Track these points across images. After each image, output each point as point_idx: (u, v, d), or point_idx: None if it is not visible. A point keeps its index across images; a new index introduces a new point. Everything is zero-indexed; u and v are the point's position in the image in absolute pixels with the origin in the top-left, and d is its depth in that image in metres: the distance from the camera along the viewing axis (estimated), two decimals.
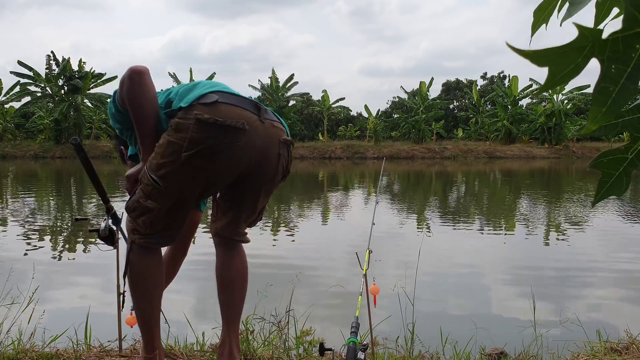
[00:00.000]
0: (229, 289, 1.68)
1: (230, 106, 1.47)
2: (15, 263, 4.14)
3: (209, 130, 1.42)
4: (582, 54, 0.44)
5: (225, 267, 1.68)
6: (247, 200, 1.66)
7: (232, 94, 1.53)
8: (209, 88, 1.51)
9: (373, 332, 1.85)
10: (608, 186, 0.58)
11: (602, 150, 0.54)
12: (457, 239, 6.02)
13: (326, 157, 28.30)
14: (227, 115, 1.44)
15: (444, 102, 34.81)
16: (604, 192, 0.59)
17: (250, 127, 1.47)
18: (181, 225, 1.60)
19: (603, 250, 5.48)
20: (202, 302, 3.54)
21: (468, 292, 3.85)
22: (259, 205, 1.70)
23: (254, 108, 1.53)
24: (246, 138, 1.47)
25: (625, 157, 0.57)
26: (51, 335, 2.09)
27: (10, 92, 28.90)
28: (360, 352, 1.47)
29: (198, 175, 1.48)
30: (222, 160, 1.47)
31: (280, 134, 1.60)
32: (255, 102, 1.56)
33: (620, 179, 0.57)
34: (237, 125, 1.44)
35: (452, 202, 10.39)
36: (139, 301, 1.59)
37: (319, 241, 6.01)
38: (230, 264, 1.68)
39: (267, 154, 1.56)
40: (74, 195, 10.98)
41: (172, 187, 1.48)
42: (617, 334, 2.30)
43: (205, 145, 1.42)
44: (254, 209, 1.70)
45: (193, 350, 2.06)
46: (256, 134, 1.50)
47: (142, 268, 1.57)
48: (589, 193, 11.45)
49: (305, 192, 12.20)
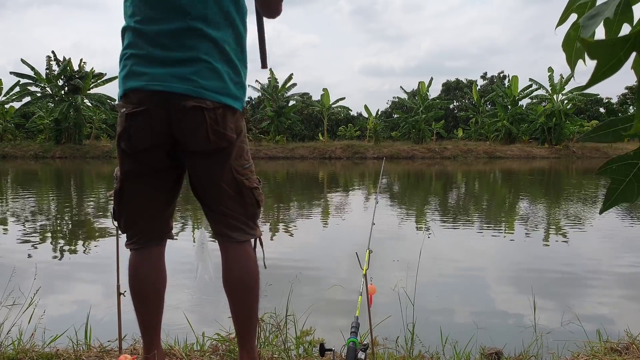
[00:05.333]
0: (230, 298, 1.56)
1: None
2: (15, 263, 4.14)
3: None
4: (625, 47, 0.44)
5: (224, 274, 1.55)
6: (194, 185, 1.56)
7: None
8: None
9: (373, 332, 1.85)
10: (618, 193, 0.56)
11: (602, 151, 0.54)
12: (458, 239, 6.02)
13: (326, 157, 28.30)
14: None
15: (444, 102, 34.83)
16: (614, 199, 0.57)
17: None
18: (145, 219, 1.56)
19: (603, 250, 5.48)
20: (203, 302, 3.54)
21: (468, 292, 3.85)
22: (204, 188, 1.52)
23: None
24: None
25: (636, 162, 0.55)
26: (51, 335, 2.09)
27: (11, 92, 28.91)
28: (360, 352, 1.47)
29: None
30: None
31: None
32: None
33: (631, 185, 0.55)
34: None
35: (452, 202, 10.39)
36: (134, 304, 1.60)
37: (319, 241, 6.01)
38: (228, 270, 1.54)
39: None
40: (74, 196, 10.98)
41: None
42: (617, 334, 2.30)
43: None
44: (203, 194, 1.54)
45: (193, 350, 2.06)
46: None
47: (135, 270, 1.58)
48: (589, 193, 11.45)
49: (305, 192, 12.20)
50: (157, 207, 1.56)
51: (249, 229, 1.55)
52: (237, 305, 1.55)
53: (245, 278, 1.53)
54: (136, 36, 1.40)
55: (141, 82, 1.38)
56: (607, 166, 0.56)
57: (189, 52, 1.37)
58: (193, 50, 1.37)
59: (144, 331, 1.62)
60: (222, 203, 1.50)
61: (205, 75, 1.38)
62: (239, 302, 1.55)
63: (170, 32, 1.37)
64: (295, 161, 26.60)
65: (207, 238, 1.76)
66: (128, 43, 1.42)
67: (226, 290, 1.55)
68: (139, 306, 1.59)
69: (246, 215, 1.54)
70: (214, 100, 1.39)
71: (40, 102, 28.54)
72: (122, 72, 1.43)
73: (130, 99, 1.40)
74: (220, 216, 1.52)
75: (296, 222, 7.35)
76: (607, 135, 0.55)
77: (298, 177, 16.80)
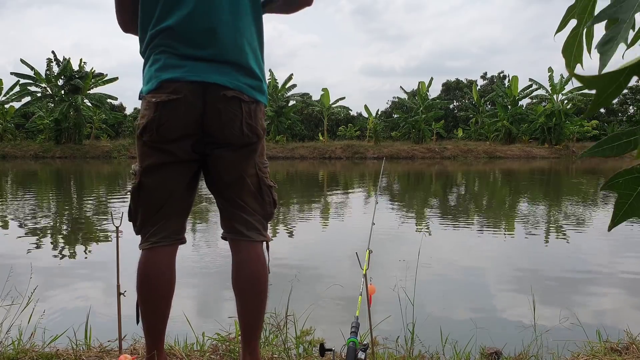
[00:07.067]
0: (238, 298, 1.56)
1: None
2: (15, 263, 4.14)
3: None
4: (624, 73, 0.45)
5: (235, 274, 1.55)
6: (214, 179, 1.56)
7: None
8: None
9: (373, 332, 1.85)
10: (626, 208, 0.54)
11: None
12: (457, 239, 6.02)
13: (326, 157, 28.30)
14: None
15: (444, 102, 34.85)
16: (622, 214, 0.55)
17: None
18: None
19: (603, 250, 5.48)
20: (203, 302, 3.54)
21: (468, 292, 3.85)
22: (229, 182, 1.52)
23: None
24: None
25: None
26: (51, 335, 2.09)
27: (10, 92, 28.92)
28: (360, 352, 1.47)
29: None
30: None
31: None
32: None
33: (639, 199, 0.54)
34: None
35: (452, 202, 10.39)
36: (141, 304, 1.58)
37: (319, 241, 6.01)
38: (239, 270, 1.54)
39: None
40: (74, 196, 10.97)
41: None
42: (617, 334, 2.30)
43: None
44: (224, 190, 1.54)
45: (193, 350, 2.06)
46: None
47: (146, 270, 1.56)
48: (589, 193, 11.45)
49: (305, 192, 12.20)
50: (176, 201, 1.54)
51: (263, 230, 1.57)
52: (245, 306, 1.55)
53: (256, 280, 1.53)
54: (171, 34, 1.41)
55: (178, 73, 1.40)
56: (614, 180, 0.54)
57: (226, 49, 1.40)
58: (229, 48, 1.41)
59: (148, 331, 1.60)
60: (243, 198, 1.53)
61: (241, 71, 1.42)
62: (247, 304, 1.55)
63: (204, 31, 1.40)
64: (295, 161, 26.60)
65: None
66: (159, 41, 1.43)
67: (235, 290, 1.55)
68: (146, 306, 1.56)
69: (263, 214, 1.56)
70: (250, 95, 1.44)
71: (40, 102, 28.54)
72: (154, 66, 1.43)
73: (164, 89, 1.41)
74: (239, 212, 1.53)
75: (296, 222, 7.35)
76: (611, 149, 0.54)
77: (298, 177, 16.80)
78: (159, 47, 1.43)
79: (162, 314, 1.58)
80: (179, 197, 1.55)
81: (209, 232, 6.08)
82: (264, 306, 1.58)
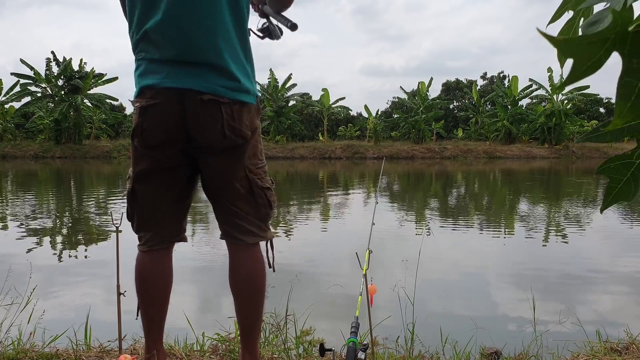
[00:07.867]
0: (235, 298, 1.56)
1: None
2: (15, 263, 4.14)
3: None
4: (604, 47, 0.43)
5: (231, 275, 1.55)
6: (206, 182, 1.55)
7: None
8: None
9: (373, 332, 1.85)
10: (616, 192, 0.58)
11: (602, 151, 0.54)
12: (457, 239, 6.02)
13: (326, 157, 28.29)
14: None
15: (444, 102, 34.84)
16: (612, 197, 0.58)
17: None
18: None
19: (603, 250, 5.48)
20: (203, 302, 3.54)
21: (468, 292, 3.85)
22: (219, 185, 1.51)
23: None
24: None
25: (633, 162, 0.56)
26: (51, 335, 2.09)
27: (10, 92, 28.90)
28: (360, 352, 1.47)
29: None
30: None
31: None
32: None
33: (629, 184, 0.57)
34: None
35: (452, 202, 10.39)
36: (139, 303, 1.60)
37: (319, 241, 6.01)
38: (234, 272, 1.55)
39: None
40: (74, 196, 10.97)
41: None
42: (617, 334, 2.30)
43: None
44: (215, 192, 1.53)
45: (193, 350, 2.06)
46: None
47: (142, 271, 1.57)
48: (589, 193, 11.45)
49: (305, 192, 12.20)
50: (169, 207, 1.55)
51: (259, 231, 1.55)
52: (242, 306, 1.56)
53: (252, 281, 1.53)
54: (148, 39, 1.41)
55: (156, 79, 1.40)
56: (606, 165, 0.57)
57: (200, 53, 1.39)
58: (203, 51, 1.38)
59: (147, 331, 1.62)
60: (234, 203, 1.50)
61: (218, 74, 1.40)
62: (244, 304, 1.55)
63: (177, 35, 1.38)
64: (295, 161, 26.59)
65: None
66: (141, 46, 1.44)
67: (232, 290, 1.56)
68: (144, 307, 1.59)
69: (257, 216, 1.54)
70: (229, 97, 1.41)
71: (40, 102, 28.52)
72: (137, 72, 1.46)
73: (144, 95, 1.42)
74: (231, 216, 1.51)
75: (296, 222, 7.35)
76: (605, 135, 0.56)
77: (298, 177, 16.80)
78: (140, 52, 1.44)
79: (160, 313, 1.60)
80: (172, 202, 1.55)
81: (209, 231, 6.08)
82: (261, 306, 1.57)
